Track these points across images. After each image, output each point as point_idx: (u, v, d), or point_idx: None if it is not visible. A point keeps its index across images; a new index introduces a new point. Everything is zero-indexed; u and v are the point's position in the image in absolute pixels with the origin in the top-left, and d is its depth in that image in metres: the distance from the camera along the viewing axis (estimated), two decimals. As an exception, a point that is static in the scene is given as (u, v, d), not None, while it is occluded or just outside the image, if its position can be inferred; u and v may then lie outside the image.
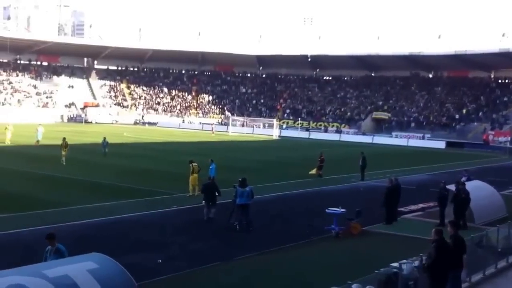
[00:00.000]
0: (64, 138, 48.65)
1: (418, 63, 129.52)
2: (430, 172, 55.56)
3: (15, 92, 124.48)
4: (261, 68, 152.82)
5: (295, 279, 19.72)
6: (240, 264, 21.40)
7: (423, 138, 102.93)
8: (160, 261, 20.73)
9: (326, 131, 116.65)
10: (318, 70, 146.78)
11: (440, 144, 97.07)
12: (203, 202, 29.15)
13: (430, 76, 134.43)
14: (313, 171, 47.44)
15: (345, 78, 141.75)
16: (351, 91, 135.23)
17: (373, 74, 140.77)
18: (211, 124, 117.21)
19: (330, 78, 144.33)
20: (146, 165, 49.93)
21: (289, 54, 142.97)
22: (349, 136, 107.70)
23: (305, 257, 22.83)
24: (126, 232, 25.67)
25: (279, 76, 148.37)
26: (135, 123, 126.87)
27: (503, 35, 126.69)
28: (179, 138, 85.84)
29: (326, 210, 27.14)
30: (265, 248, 23.71)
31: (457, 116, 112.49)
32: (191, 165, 35.60)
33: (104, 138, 57.03)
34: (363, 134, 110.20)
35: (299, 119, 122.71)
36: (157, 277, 18.83)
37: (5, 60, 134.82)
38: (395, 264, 15.79)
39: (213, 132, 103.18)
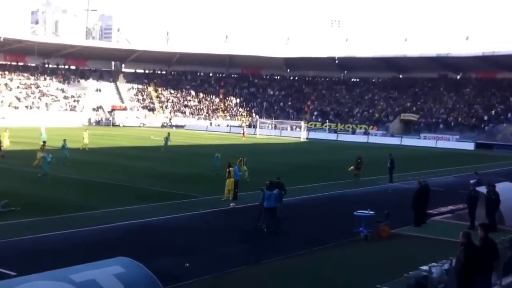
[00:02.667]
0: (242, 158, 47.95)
1: (446, 65, 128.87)
2: (459, 173, 55.14)
3: (43, 96, 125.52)
4: (288, 70, 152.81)
5: (323, 282, 19.59)
6: (268, 268, 21.26)
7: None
8: (188, 265, 20.62)
9: (354, 133, 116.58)
10: (345, 72, 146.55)
11: (469, 146, 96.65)
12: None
13: (458, 77, 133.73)
14: (352, 168, 48.09)
15: (373, 80, 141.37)
16: (379, 93, 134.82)
17: (400, 76, 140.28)
18: (241, 127, 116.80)
19: (358, 80, 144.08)
20: (174, 168, 50.00)
21: (317, 56, 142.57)
22: (377, 138, 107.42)
23: (333, 260, 22.70)
24: (153, 236, 25.64)
25: (307, 78, 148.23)
26: (163, 126, 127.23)
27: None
28: (207, 141, 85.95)
29: (355, 212, 26.96)
30: (293, 251, 23.56)
31: (485, 117, 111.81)
32: (228, 169, 35.31)
33: (168, 134, 63.72)
34: (391, 135, 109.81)
35: (327, 121, 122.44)
36: (185, 281, 18.72)
37: (33, 64, 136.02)
38: (425, 267, 15.63)
39: (244, 135, 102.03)
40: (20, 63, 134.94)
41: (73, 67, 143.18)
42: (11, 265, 19.47)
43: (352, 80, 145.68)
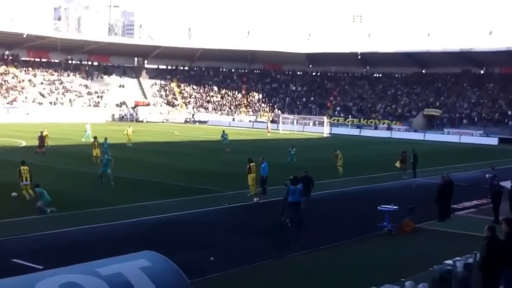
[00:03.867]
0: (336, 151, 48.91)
1: (469, 60, 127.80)
2: (483, 169, 54.76)
3: (67, 92, 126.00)
4: (310, 66, 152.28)
5: (347, 277, 19.63)
6: (292, 262, 21.33)
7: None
8: (212, 258, 20.76)
9: (376, 128, 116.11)
10: (368, 67, 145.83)
11: (493, 141, 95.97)
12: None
13: (482, 72, 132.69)
14: (398, 164, 49.46)
15: (396, 75, 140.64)
16: (401, 88, 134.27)
17: (423, 71, 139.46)
18: (265, 122, 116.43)
19: (381, 75, 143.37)
20: (198, 164, 50.17)
21: (339, 51, 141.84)
22: (400, 133, 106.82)
23: (357, 255, 22.71)
24: (177, 230, 25.84)
25: (329, 74, 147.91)
26: (186, 122, 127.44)
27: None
28: (230, 137, 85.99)
29: (378, 207, 26.95)
30: (317, 245, 23.60)
31: (509, 113, 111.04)
32: (248, 165, 35.45)
33: (223, 131, 65.81)
34: (415, 131, 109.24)
35: (350, 116, 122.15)
36: (209, 275, 18.87)
37: (56, 61, 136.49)
38: (449, 262, 15.60)
39: (268, 131, 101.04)
40: (43, 59, 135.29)
41: (96, 63, 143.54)
42: (38, 259, 19.73)
43: (375, 75, 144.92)
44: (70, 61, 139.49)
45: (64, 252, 21.14)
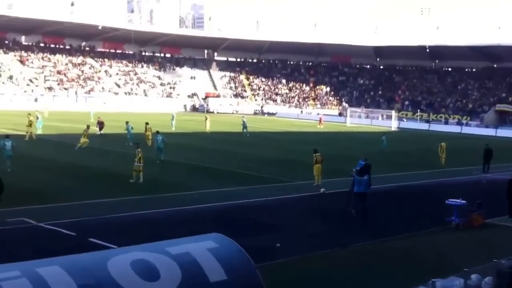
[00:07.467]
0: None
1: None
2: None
3: (141, 82, 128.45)
4: (378, 59, 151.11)
5: (412, 267, 19.54)
6: (357, 251, 21.44)
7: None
8: (279, 245, 21.12)
9: (446, 123, 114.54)
10: (437, 61, 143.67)
11: None
12: None
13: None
14: None
15: (466, 69, 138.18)
16: (472, 83, 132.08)
17: (495, 65, 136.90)
18: (318, 114, 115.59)
19: (450, 69, 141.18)
20: (267, 154, 50.56)
21: (407, 44, 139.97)
22: (471, 129, 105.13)
23: (423, 247, 22.59)
24: (246, 216, 26.31)
25: (397, 67, 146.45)
26: (255, 113, 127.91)
27: None
28: (298, 128, 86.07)
29: (446, 201, 26.70)
30: (382, 236, 23.63)
31: None
32: (314, 155, 35.68)
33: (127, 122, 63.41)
34: (486, 126, 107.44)
35: (418, 110, 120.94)
36: (275, 260, 19.14)
37: (130, 52, 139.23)
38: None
39: (320, 123, 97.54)
40: (118, 51, 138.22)
41: (168, 55, 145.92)
42: (113, 238, 20.48)
43: (444, 69, 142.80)
44: (143, 53, 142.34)
45: (137, 233, 21.86)
